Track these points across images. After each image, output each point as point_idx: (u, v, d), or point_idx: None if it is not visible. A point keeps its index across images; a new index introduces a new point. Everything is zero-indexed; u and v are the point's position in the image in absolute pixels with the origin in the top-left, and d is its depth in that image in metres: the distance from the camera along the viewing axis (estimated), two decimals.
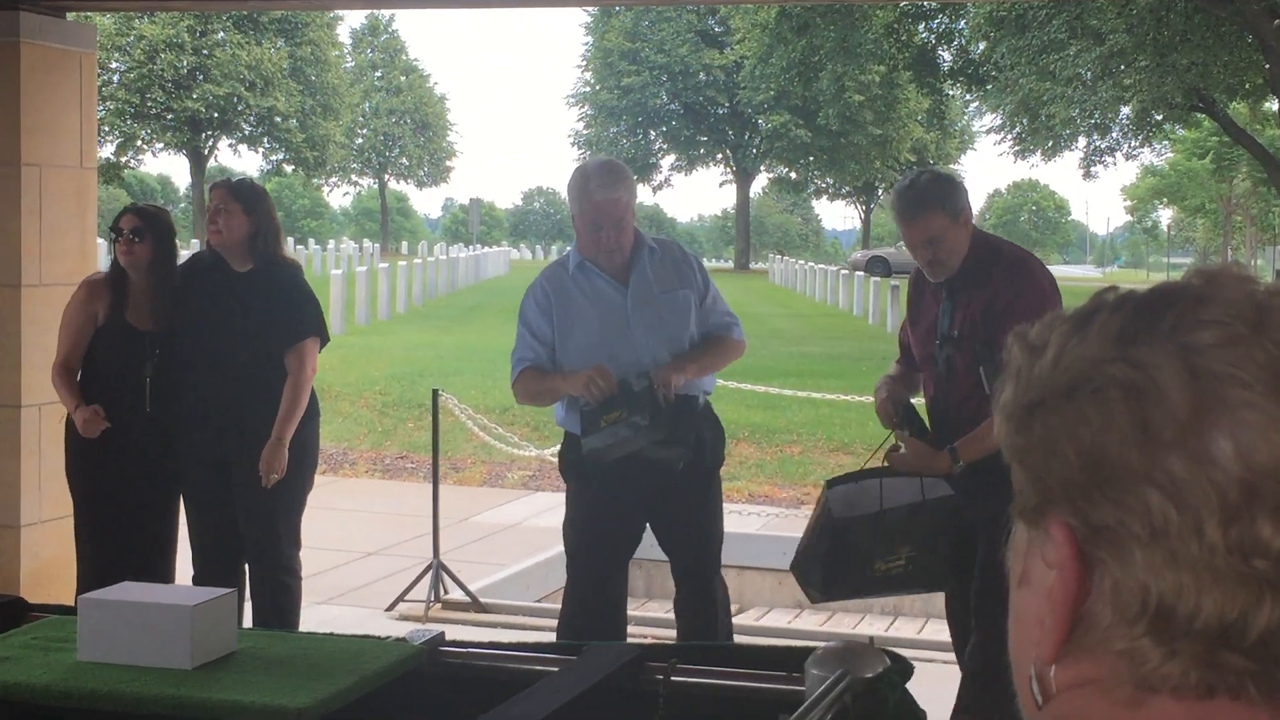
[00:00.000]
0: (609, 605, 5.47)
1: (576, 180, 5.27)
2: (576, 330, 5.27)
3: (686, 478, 5.32)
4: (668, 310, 5.30)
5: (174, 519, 6.08)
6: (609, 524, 5.38)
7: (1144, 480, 0.85)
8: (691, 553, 5.53)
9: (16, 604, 4.10)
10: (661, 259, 5.38)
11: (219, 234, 5.82)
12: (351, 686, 3.33)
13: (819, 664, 3.34)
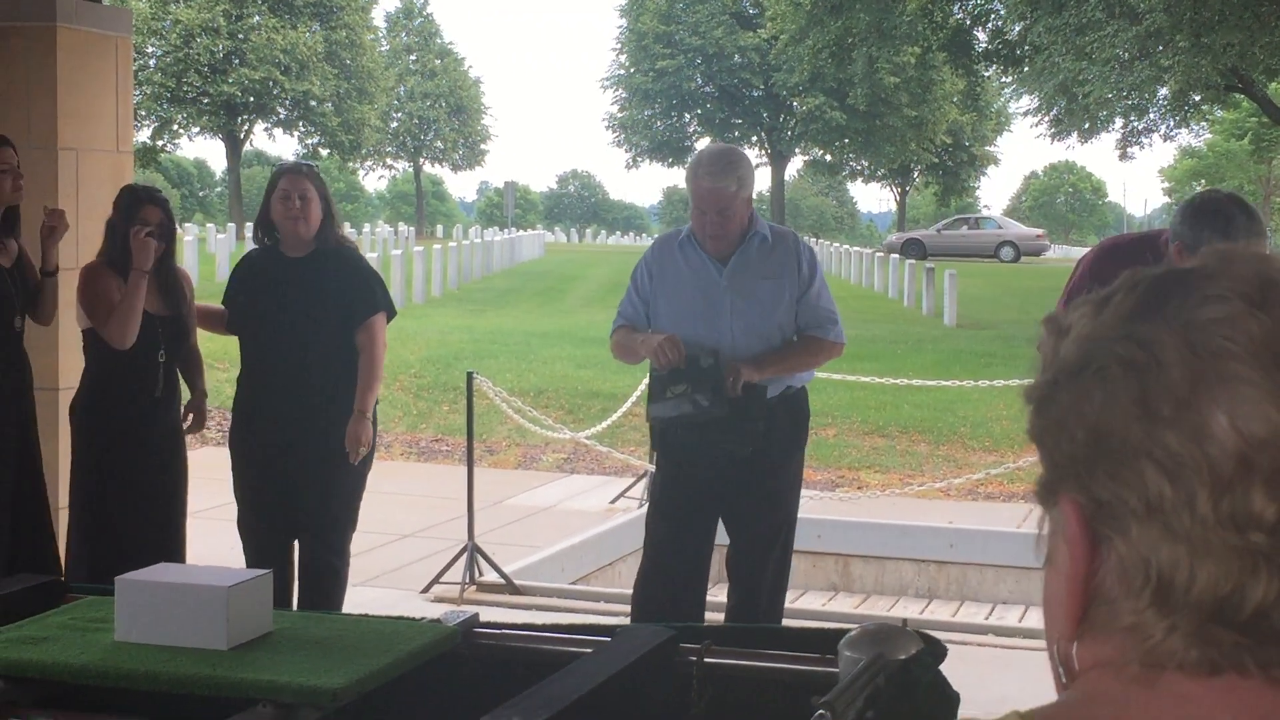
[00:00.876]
0: (682, 585, 5.47)
1: (691, 163, 5.46)
2: (669, 298, 5.43)
3: (754, 464, 5.35)
4: (759, 298, 5.38)
5: (183, 502, 6.10)
6: (686, 502, 5.42)
7: (1142, 455, 0.86)
8: (745, 535, 5.54)
9: (55, 585, 4.13)
10: (771, 248, 5.45)
11: (301, 222, 5.80)
12: (386, 667, 3.34)
13: (852, 646, 3.33)
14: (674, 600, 5.37)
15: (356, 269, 6.03)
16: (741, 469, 5.36)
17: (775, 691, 3.44)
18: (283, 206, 5.81)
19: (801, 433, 5.61)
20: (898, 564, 10.01)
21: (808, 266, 5.50)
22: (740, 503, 5.46)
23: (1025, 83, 36.84)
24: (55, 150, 6.79)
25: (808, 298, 5.46)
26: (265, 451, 5.87)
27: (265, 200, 5.94)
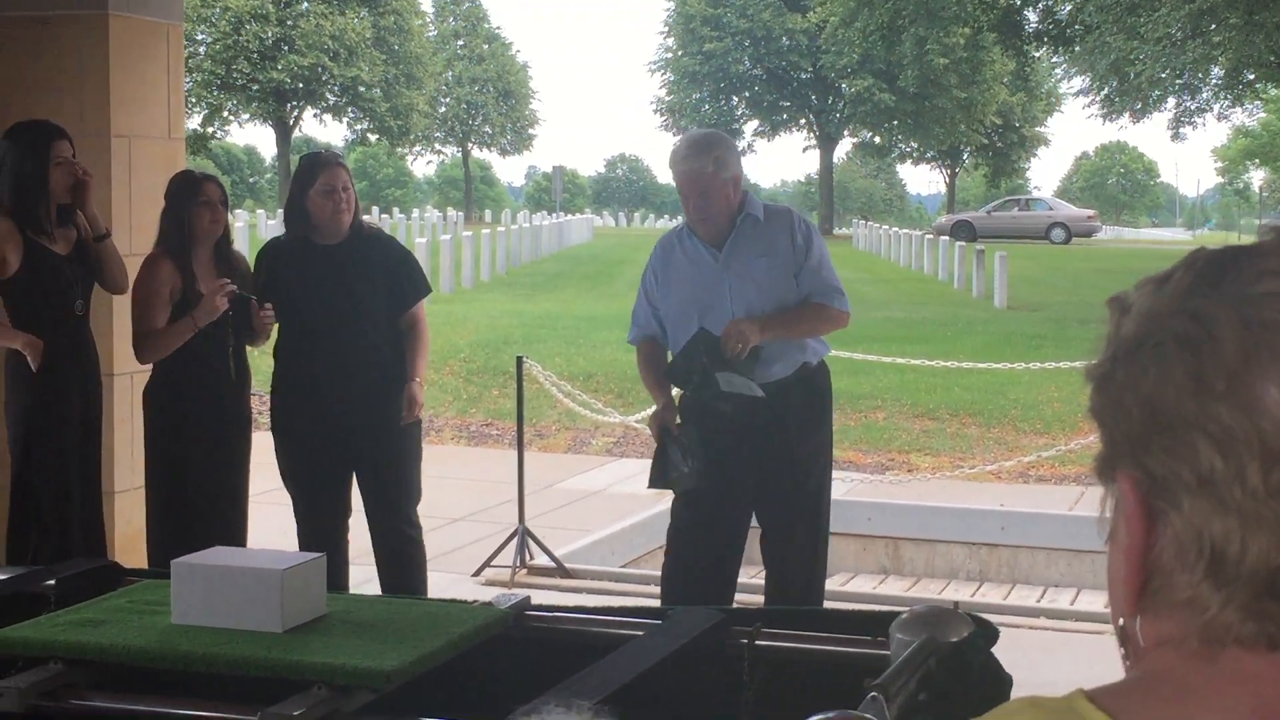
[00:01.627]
0: (707, 572, 5.48)
1: (671, 152, 5.53)
2: (674, 291, 5.51)
3: (775, 443, 5.35)
4: (756, 276, 5.40)
5: (246, 487, 6.16)
6: (710, 489, 5.43)
7: (1195, 429, 0.87)
8: (771, 517, 5.54)
9: (111, 568, 4.18)
10: (765, 227, 5.48)
11: (345, 214, 5.86)
12: (439, 650, 3.37)
13: (903, 628, 3.33)
14: (700, 586, 5.38)
15: (400, 254, 6.16)
16: (762, 449, 5.35)
17: (826, 674, 3.44)
18: (327, 201, 5.85)
19: (823, 410, 5.60)
20: (949, 547, 9.98)
21: (803, 239, 5.49)
22: (765, 484, 5.47)
23: (1076, 62, 36.60)
24: (108, 138, 6.84)
25: (807, 269, 5.46)
26: (323, 435, 5.91)
27: (298, 191, 5.95)
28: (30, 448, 5.88)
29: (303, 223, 5.94)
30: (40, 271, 5.85)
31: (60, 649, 3.33)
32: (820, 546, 5.65)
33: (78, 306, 5.98)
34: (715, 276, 5.42)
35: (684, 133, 5.74)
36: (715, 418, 5.31)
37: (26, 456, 5.88)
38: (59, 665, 3.29)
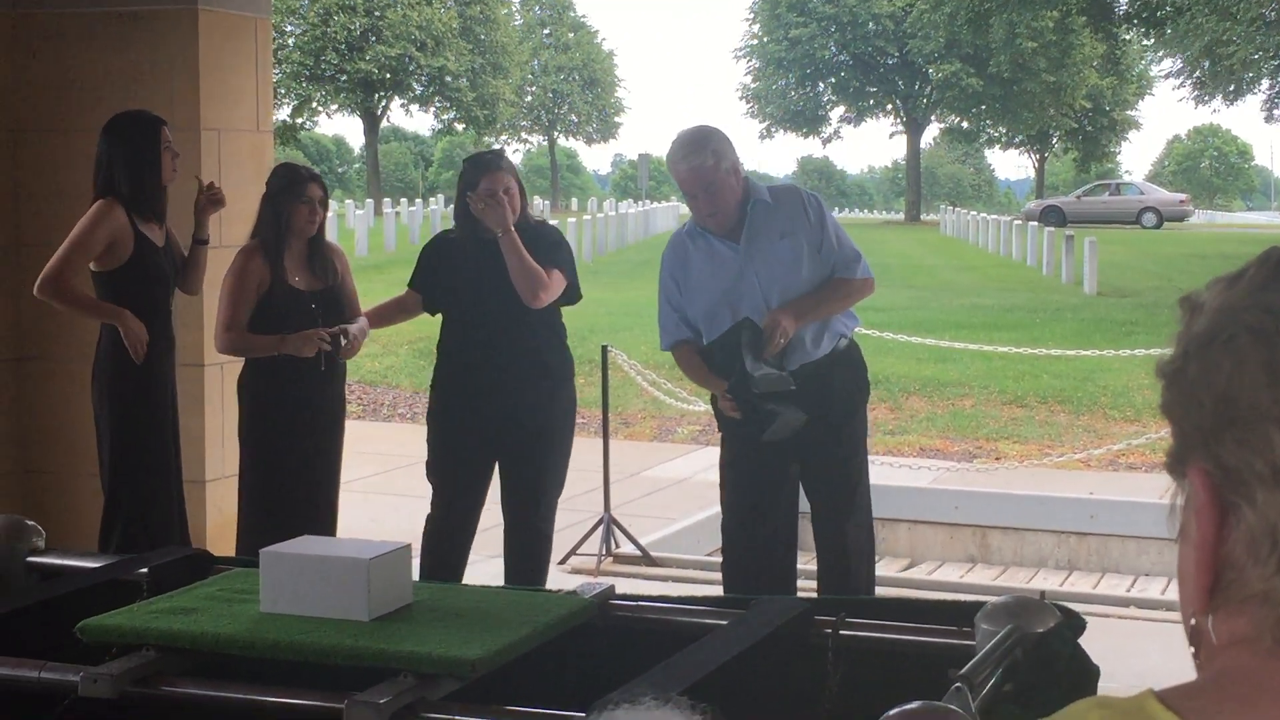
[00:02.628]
0: (766, 554, 5.48)
1: (668, 154, 5.50)
2: (697, 292, 5.46)
3: (816, 427, 5.35)
4: (780, 258, 5.38)
5: (337, 476, 6.22)
6: (758, 473, 5.43)
7: (1269, 420, 0.86)
8: (819, 500, 5.52)
9: (202, 556, 4.24)
10: (774, 209, 5.45)
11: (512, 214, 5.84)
12: (524, 638, 3.38)
13: (989, 619, 3.32)
14: (758, 574, 5.38)
15: (552, 241, 6.09)
16: (804, 433, 5.34)
17: (911, 664, 3.43)
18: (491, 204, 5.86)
19: (861, 389, 5.59)
20: (1037, 535, 9.90)
21: (815, 213, 5.48)
22: (810, 469, 5.44)
23: (1167, 45, 36.11)
24: (198, 131, 6.92)
25: (827, 243, 5.45)
26: (474, 427, 5.94)
27: (461, 193, 5.98)
28: (126, 439, 5.96)
29: (470, 221, 5.96)
30: (145, 262, 5.93)
31: (153, 636, 3.38)
32: (870, 527, 5.67)
33: (171, 300, 6.07)
34: (738, 268, 5.38)
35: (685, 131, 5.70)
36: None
37: (122, 448, 5.96)
38: (152, 652, 3.34)
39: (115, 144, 5.95)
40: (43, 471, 7.20)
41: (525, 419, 5.93)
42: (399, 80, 58.15)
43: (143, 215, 5.95)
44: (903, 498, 10.03)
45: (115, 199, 5.88)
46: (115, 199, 5.88)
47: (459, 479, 6.02)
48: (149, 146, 5.95)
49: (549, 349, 6.00)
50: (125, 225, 5.88)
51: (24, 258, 7.06)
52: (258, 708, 3.23)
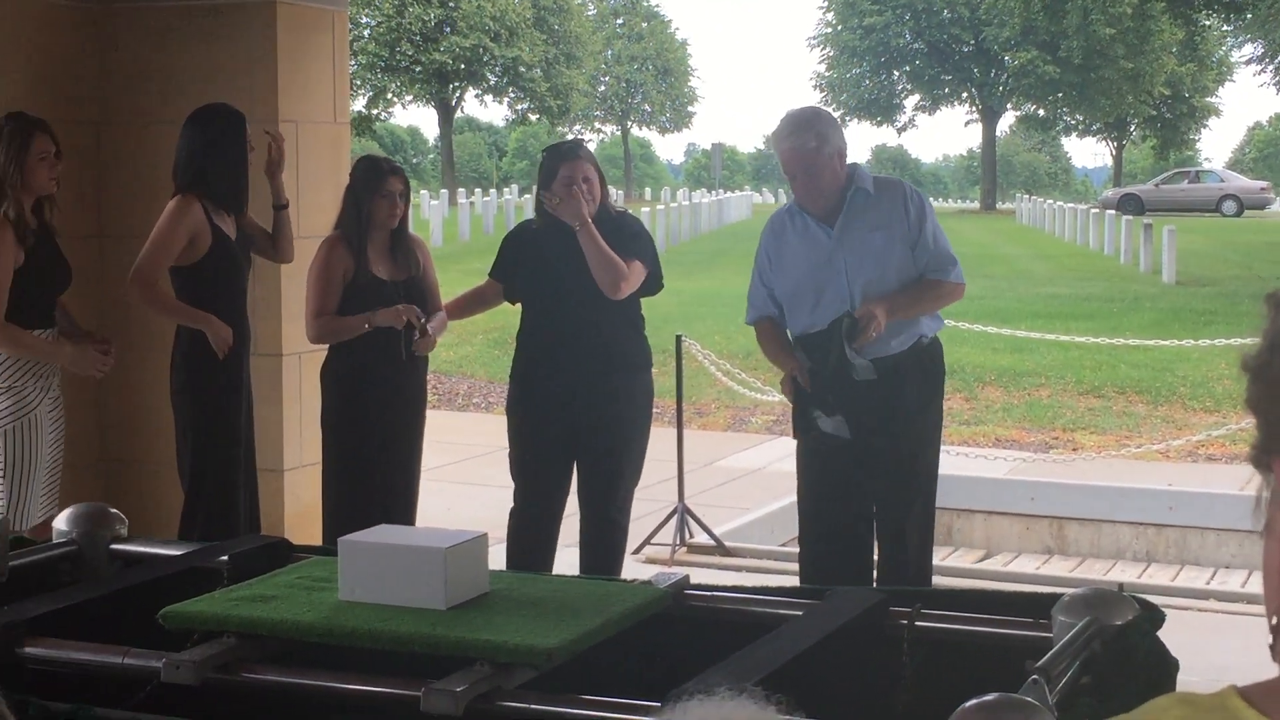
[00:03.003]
0: (842, 544, 5.47)
1: (773, 132, 5.52)
2: (788, 269, 5.47)
3: (889, 420, 5.34)
4: (872, 250, 5.37)
5: (418, 466, 6.27)
6: (828, 469, 5.43)
7: None
8: (887, 493, 5.49)
9: (281, 545, 4.28)
10: (876, 200, 5.44)
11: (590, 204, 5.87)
12: (599, 628, 3.40)
13: (1066, 610, 3.30)
14: (835, 564, 5.37)
15: (632, 232, 6.12)
16: (877, 426, 5.32)
17: (987, 656, 3.41)
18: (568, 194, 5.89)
19: (936, 386, 5.56)
20: (1115, 527, 9.82)
21: (916, 211, 5.45)
22: (879, 461, 5.42)
23: (1248, 30, 35.64)
24: (276, 124, 6.98)
25: (923, 242, 5.42)
26: (559, 414, 5.96)
27: (544, 184, 6.00)
28: (207, 434, 6.02)
29: (549, 212, 6.00)
30: (221, 256, 5.99)
31: (233, 624, 3.42)
32: (932, 521, 5.66)
33: (246, 292, 6.12)
34: (829, 253, 5.39)
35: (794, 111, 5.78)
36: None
37: (203, 442, 6.03)
38: (232, 639, 3.38)
39: (197, 137, 6.01)
40: (125, 461, 7.30)
41: (604, 410, 5.94)
42: (473, 71, 58.35)
43: (221, 209, 6.01)
44: (978, 488, 9.99)
45: (191, 194, 5.94)
46: (191, 194, 5.94)
47: (541, 472, 6.04)
48: (234, 140, 6.01)
49: (627, 340, 6.02)
50: (203, 220, 5.94)
51: (106, 249, 7.15)
52: (336, 695, 3.27)
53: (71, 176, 7.06)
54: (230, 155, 6.02)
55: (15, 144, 5.66)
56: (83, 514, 4.18)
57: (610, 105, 77.72)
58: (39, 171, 5.71)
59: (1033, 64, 54.39)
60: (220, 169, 5.99)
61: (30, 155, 5.68)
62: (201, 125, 6.05)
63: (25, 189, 5.70)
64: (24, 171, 5.67)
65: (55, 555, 4.07)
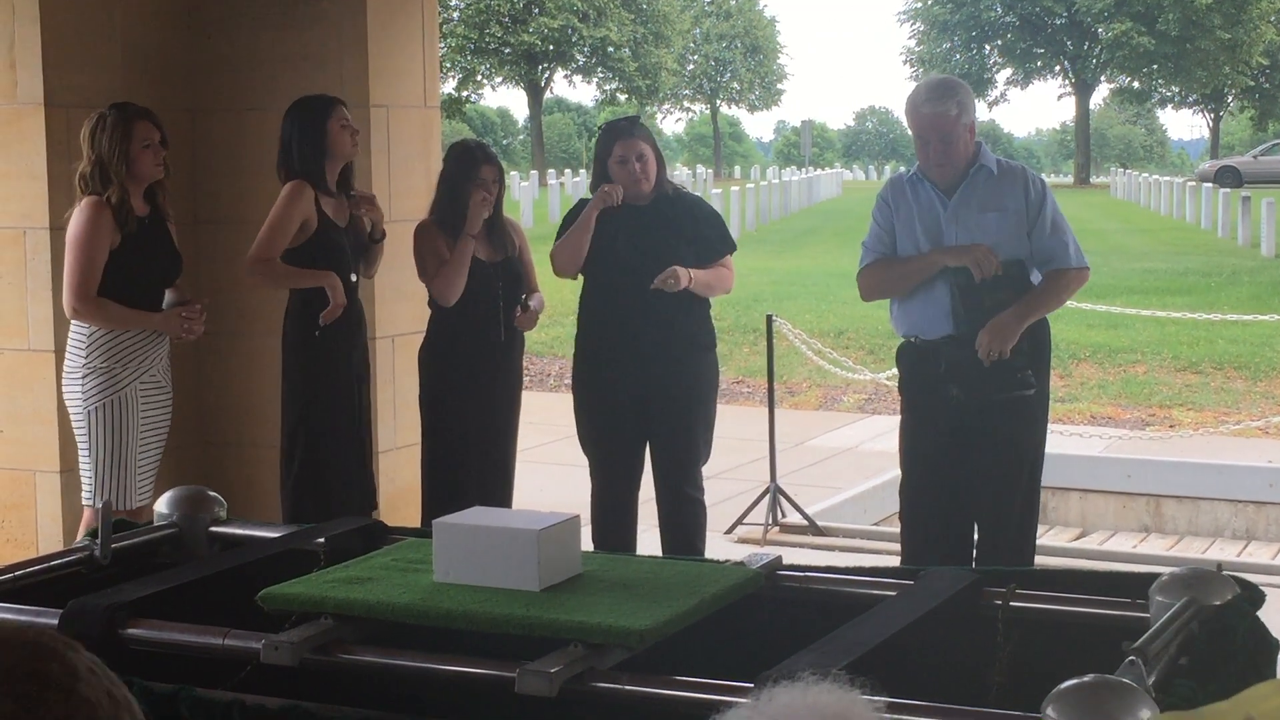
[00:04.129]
0: (943, 526, 5.44)
1: (909, 97, 5.49)
2: (902, 230, 5.47)
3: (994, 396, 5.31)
4: (985, 229, 5.35)
5: (514, 447, 6.30)
6: (937, 443, 5.39)
7: None
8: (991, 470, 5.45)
9: (377, 527, 4.32)
10: (997, 180, 5.43)
11: (644, 181, 5.94)
12: (691, 609, 3.40)
13: (1164, 590, 3.26)
14: (939, 544, 5.34)
15: (706, 212, 6.24)
16: (982, 405, 5.29)
17: (1083, 636, 3.39)
18: (623, 171, 5.94)
19: (1044, 364, 5.52)
20: (1213, 505, 9.69)
21: (1036, 196, 5.43)
22: (984, 441, 5.38)
23: None
24: (367, 108, 7.03)
25: (1040, 230, 5.40)
26: (625, 393, 6.00)
27: (598, 163, 6.06)
28: (308, 414, 6.09)
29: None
30: (325, 241, 6.05)
31: (330, 605, 3.46)
32: (1037, 499, 5.62)
33: (352, 277, 6.17)
34: (941, 224, 5.39)
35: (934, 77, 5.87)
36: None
37: (305, 422, 6.10)
38: (329, 621, 3.42)
39: (289, 126, 6.09)
40: (223, 444, 7.39)
41: (674, 389, 5.98)
42: (562, 51, 58.45)
43: (329, 195, 6.07)
44: (1074, 466, 9.89)
45: (304, 180, 6.02)
46: (304, 180, 6.02)
47: (615, 451, 6.08)
48: (315, 127, 6.06)
49: (693, 319, 6.04)
50: (312, 205, 6.02)
51: (200, 235, 7.24)
52: (431, 676, 3.29)
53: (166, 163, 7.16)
54: (309, 142, 6.04)
55: (118, 132, 5.75)
56: (183, 497, 4.24)
57: (699, 84, 77.53)
58: (143, 158, 5.81)
59: (1127, 35, 53.66)
60: (303, 157, 6.03)
61: (134, 143, 5.77)
62: (291, 115, 6.11)
63: (132, 177, 5.79)
64: (129, 160, 5.77)
65: (156, 538, 4.14)
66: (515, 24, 55.77)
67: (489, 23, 55.11)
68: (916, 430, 5.51)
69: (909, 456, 5.55)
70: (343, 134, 6.08)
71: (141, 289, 5.89)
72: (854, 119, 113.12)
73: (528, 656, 3.15)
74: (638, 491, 6.20)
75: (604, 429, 6.07)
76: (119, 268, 5.79)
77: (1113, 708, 2.57)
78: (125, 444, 5.83)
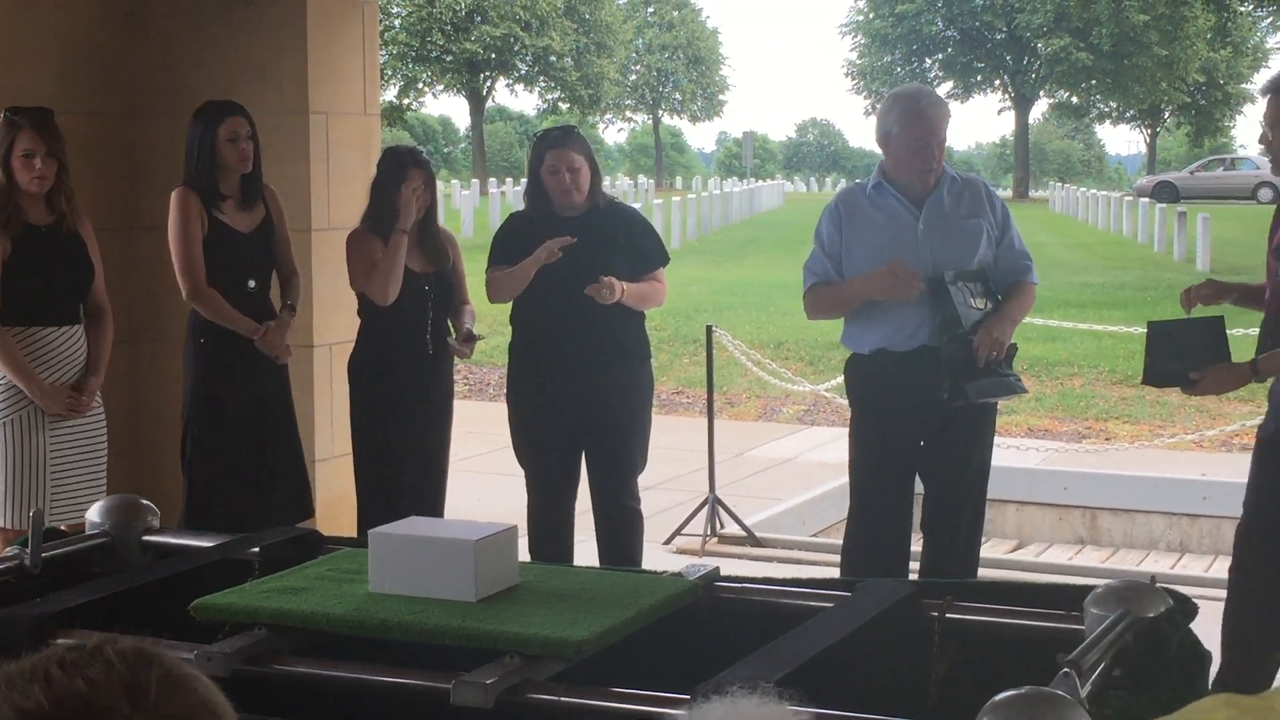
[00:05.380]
0: (889, 537, 5.45)
1: (900, 103, 5.46)
2: (864, 242, 5.42)
3: (948, 411, 5.32)
4: (958, 234, 5.40)
5: (446, 457, 6.27)
6: (886, 452, 5.40)
7: None
8: (941, 485, 5.47)
9: (312, 536, 4.28)
10: (961, 189, 5.49)
11: (574, 192, 5.93)
12: (628, 620, 3.39)
13: (1098, 603, 3.28)
14: (882, 554, 5.35)
15: (640, 224, 6.26)
16: (935, 416, 5.31)
17: (1019, 648, 3.40)
18: (555, 181, 5.91)
19: None
20: (1148, 517, 9.77)
21: (1000, 210, 5.54)
22: (936, 452, 5.40)
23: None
24: (307, 115, 6.99)
25: (1008, 241, 5.49)
26: (560, 404, 5.98)
27: (533, 172, 6.03)
28: (194, 424, 6.04)
29: (543, 198, 6.00)
30: (217, 248, 5.98)
31: (264, 615, 3.43)
32: (982, 514, 5.65)
33: (249, 284, 6.10)
34: (914, 235, 5.38)
35: (916, 86, 5.95)
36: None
37: (190, 432, 6.06)
38: (263, 631, 3.38)
39: (189, 131, 6.04)
40: (157, 452, 7.32)
41: (610, 400, 5.98)
42: (504, 60, 58.40)
43: (210, 202, 5.99)
44: (1011, 478, 9.95)
45: (187, 187, 5.96)
46: (187, 187, 5.96)
47: (551, 462, 6.06)
48: (206, 137, 5.97)
49: (627, 330, 6.04)
50: (199, 210, 5.94)
51: (137, 240, 7.17)
52: (366, 687, 3.27)
53: (102, 168, 7.09)
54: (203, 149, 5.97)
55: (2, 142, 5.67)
56: (115, 506, 4.20)
57: (641, 94, 77.65)
58: (21, 170, 5.68)
59: (1066, 51, 54.14)
60: (195, 163, 5.97)
61: (14, 153, 5.67)
62: (197, 120, 6.04)
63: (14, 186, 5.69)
64: (9, 170, 5.67)
65: (88, 547, 4.09)
66: (457, 32, 55.69)
67: (431, 30, 55.00)
68: (868, 441, 5.51)
69: (859, 469, 5.56)
70: (230, 148, 5.97)
71: (46, 299, 5.79)
72: (795, 131, 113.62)
73: (464, 668, 3.13)
74: (574, 502, 6.19)
75: (539, 440, 6.05)
76: (10, 276, 5.69)
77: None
78: (33, 461, 5.73)
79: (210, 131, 5.96)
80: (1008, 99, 61.53)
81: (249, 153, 6.02)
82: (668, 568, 4.10)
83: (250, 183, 6.10)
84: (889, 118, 5.44)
